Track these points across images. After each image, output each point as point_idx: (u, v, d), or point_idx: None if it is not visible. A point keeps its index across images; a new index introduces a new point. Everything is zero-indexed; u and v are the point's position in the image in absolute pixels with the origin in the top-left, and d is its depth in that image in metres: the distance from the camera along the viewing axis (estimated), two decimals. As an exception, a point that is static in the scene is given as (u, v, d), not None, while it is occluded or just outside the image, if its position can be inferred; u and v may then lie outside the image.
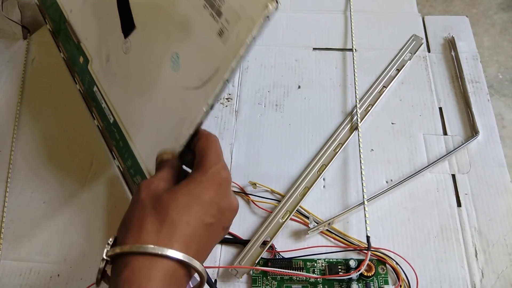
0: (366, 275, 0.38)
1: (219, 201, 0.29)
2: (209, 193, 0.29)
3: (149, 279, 0.25)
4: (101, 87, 0.44)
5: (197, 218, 0.28)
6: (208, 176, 0.29)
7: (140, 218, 0.27)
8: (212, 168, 0.30)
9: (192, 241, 0.27)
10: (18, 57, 0.57)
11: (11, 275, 0.41)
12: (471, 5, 0.60)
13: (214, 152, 0.31)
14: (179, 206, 0.27)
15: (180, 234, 0.27)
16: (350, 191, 0.44)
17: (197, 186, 0.29)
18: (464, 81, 0.51)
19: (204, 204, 0.28)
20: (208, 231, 0.28)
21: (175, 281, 0.26)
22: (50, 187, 0.46)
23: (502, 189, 0.43)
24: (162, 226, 0.27)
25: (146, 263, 0.25)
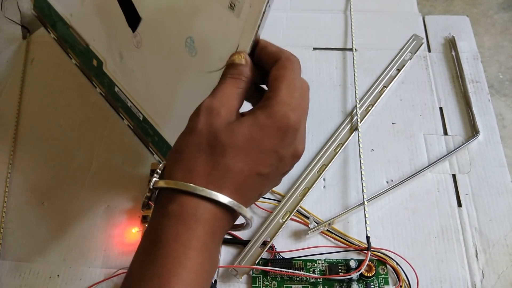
0: (367, 275, 0.38)
1: (281, 149, 0.26)
2: (271, 140, 0.26)
3: (197, 219, 0.24)
4: (122, 87, 0.44)
5: (253, 166, 0.26)
6: (274, 121, 0.26)
7: (193, 153, 0.25)
8: (280, 111, 0.26)
9: (243, 188, 0.26)
10: (18, 57, 0.57)
11: (10, 275, 0.41)
12: (472, 5, 0.59)
13: (287, 85, 0.26)
14: (235, 151, 0.25)
15: (231, 181, 0.25)
16: (350, 191, 0.44)
17: (259, 131, 0.26)
18: (464, 81, 0.51)
19: (263, 153, 0.26)
20: (261, 180, 0.26)
21: (221, 223, 0.25)
22: (50, 187, 0.46)
23: (503, 189, 0.43)
24: (214, 170, 0.25)
25: (194, 203, 0.24)
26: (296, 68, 0.27)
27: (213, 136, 0.25)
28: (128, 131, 0.49)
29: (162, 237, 0.24)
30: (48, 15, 0.53)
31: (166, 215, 0.24)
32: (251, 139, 0.25)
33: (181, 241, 0.23)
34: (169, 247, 0.23)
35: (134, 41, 0.38)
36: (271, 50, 0.28)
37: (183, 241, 0.23)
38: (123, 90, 0.44)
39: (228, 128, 0.26)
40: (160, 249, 0.23)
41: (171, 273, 0.23)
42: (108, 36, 0.43)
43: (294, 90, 0.26)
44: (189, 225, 0.24)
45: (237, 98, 0.27)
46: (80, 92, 0.53)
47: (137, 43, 0.38)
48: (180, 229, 0.24)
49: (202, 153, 0.25)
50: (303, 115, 0.27)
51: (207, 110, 0.26)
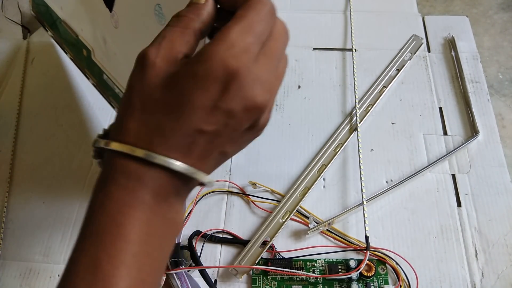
0: (366, 275, 0.38)
1: (222, 103, 0.22)
2: (206, 94, 0.21)
3: (127, 176, 0.22)
4: (109, 73, 0.43)
5: (189, 123, 0.22)
6: (207, 67, 0.21)
7: (124, 111, 0.23)
8: (217, 55, 0.21)
9: (184, 148, 0.22)
10: (18, 57, 0.57)
11: (10, 275, 0.41)
12: (471, 5, 0.60)
13: (242, 25, 0.22)
14: (166, 107, 0.22)
15: (165, 139, 0.22)
16: (350, 191, 0.44)
17: (191, 81, 0.22)
18: (464, 81, 0.51)
19: (198, 109, 0.22)
20: (209, 138, 0.23)
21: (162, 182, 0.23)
22: (50, 187, 0.46)
23: (502, 189, 0.43)
24: (143, 127, 0.22)
25: (122, 162, 0.22)
26: (265, 8, 0.23)
27: (144, 92, 0.23)
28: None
29: (97, 198, 0.23)
30: (44, 13, 0.53)
31: (100, 175, 0.23)
32: (182, 93, 0.22)
33: (113, 198, 0.22)
34: (101, 205, 0.22)
35: (113, 21, 0.38)
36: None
37: (115, 198, 0.22)
38: (110, 76, 0.44)
39: (162, 82, 0.22)
40: (95, 209, 0.23)
41: (106, 232, 0.22)
42: (92, 23, 0.43)
43: (248, 31, 0.22)
44: (119, 182, 0.22)
45: (182, 42, 0.23)
46: (80, 92, 0.53)
47: (115, 23, 0.38)
48: (111, 186, 0.22)
49: (133, 110, 0.23)
50: (250, 60, 0.22)
51: (141, 62, 0.23)
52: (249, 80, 0.22)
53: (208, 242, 0.42)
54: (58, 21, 0.50)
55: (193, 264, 0.39)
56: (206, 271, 0.38)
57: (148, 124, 0.22)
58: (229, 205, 0.44)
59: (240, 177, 0.45)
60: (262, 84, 0.23)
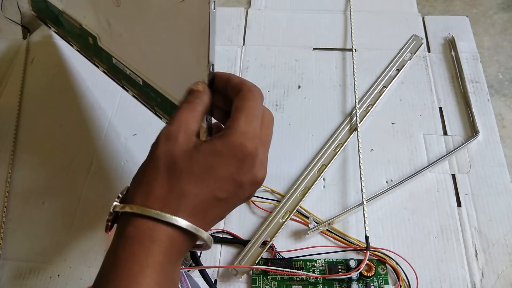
0: (366, 275, 0.38)
1: (238, 176, 0.27)
2: (227, 168, 0.27)
3: (152, 240, 0.25)
4: (118, 56, 0.43)
5: (209, 192, 0.27)
6: (229, 148, 0.27)
7: (151, 178, 0.27)
8: (237, 140, 0.27)
9: (200, 212, 0.27)
10: (18, 57, 0.57)
11: (11, 275, 0.41)
12: (471, 5, 0.60)
13: (246, 115, 0.28)
14: (191, 176, 0.26)
15: (187, 205, 0.26)
16: (350, 191, 0.44)
17: (215, 158, 0.27)
18: (464, 81, 0.51)
19: (218, 179, 0.27)
20: (220, 204, 0.28)
21: (177, 244, 0.26)
22: (50, 187, 0.46)
23: (502, 189, 0.43)
24: (170, 193, 0.26)
25: (150, 225, 0.25)
26: (257, 98, 0.29)
27: (171, 161, 0.27)
28: (129, 130, 0.49)
29: (119, 257, 0.25)
30: (44, 10, 0.53)
31: (123, 237, 0.26)
32: (207, 166, 0.27)
33: (136, 260, 0.25)
34: (126, 266, 0.25)
35: (114, 0, 0.38)
36: (234, 82, 0.30)
37: (138, 260, 0.25)
38: (119, 59, 0.43)
39: (185, 154, 0.27)
40: (117, 268, 0.25)
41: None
42: (94, 7, 0.43)
43: (252, 119, 0.28)
44: (144, 245, 0.25)
45: (194, 121, 0.29)
46: (80, 92, 0.53)
47: (117, 2, 0.38)
48: (136, 249, 0.25)
49: (160, 178, 0.27)
50: (261, 144, 0.28)
51: (165, 137, 0.28)
52: (258, 160, 0.28)
53: (208, 242, 0.42)
54: (60, 14, 0.50)
55: (193, 264, 0.39)
56: (206, 271, 0.38)
57: (174, 190, 0.26)
58: (229, 205, 0.44)
59: (240, 177, 0.45)
60: (263, 164, 0.29)
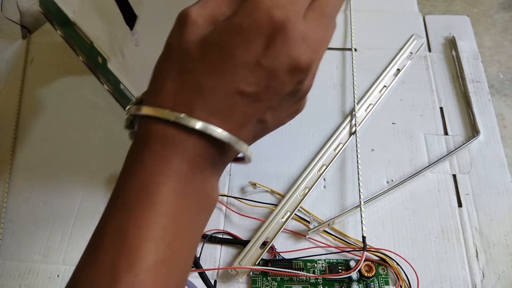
0: (367, 275, 0.38)
1: (265, 60, 0.20)
2: (249, 49, 0.20)
3: (164, 144, 0.21)
4: (127, 84, 0.43)
5: (228, 83, 0.20)
6: (252, 20, 0.20)
7: (161, 73, 0.22)
8: (262, 5, 0.19)
9: (222, 111, 0.21)
10: (18, 57, 0.57)
11: (10, 275, 0.41)
12: (472, 5, 0.59)
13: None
14: (205, 64, 0.20)
15: (203, 102, 0.20)
16: (351, 191, 0.44)
17: (232, 37, 0.20)
18: (465, 80, 0.50)
19: (239, 66, 0.20)
20: (249, 101, 0.21)
21: (200, 151, 0.21)
22: (49, 187, 0.46)
23: (503, 189, 0.43)
24: (182, 89, 0.21)
25: (160, 128, 0.21)
26: None
27: (183, 49, 0.21)
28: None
29: (128, 166, 0.22)
30: (54, 12, 0.53)
31: (133, 143, 0.22)
32: (223, 49, 0.20)
33: (147, 166, 0.21)
34: (134, 173, 0.21)
35: (133, 39, 0.38)
36: None
37: (149, 166, 0.20)
38: (128, 87, 0.44)
39: (200, 39, 0.21)
40: (125, 178, 0.22)
41: (136, 201, 0.20)
42: (109, 34, 0.43)
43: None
44: (154, 149, 0.21)
45: (228, 3, 0.21)
46: (80, 92, 0.53)
47: (136, 41, 0.38)
48: (145, 154, 0.21)
49: (170, 71, 0.21)
50: (295, 12, 0.20)
51: (181, 20, 0.22)
52: (295, 35, 0.20)
53: (208, 243, 0.41)
54: (71, 24, 0.50)
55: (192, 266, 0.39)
56: (206, 273, 0.38)
57: (186, 84, 0.21)
58: (229, 205, 0.44)
59: (240, 177, 0.45)
60: (309, 43, 0.20)
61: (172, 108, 0.21)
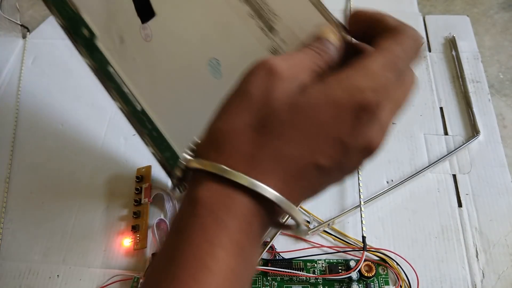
0: (367, 275, 0.38)
1: (348, 138, 0.19)
2: (338, 123, 0.19)
3: (230, 211, 0.19)
4: (119, 70, 0.40)
5: (311, 154, 0.19)
6: (346, 94, 0.19)
7: (237, 126, 0.20)
8: (359, 82, 0.19)
9: (293, 182, 0.20)
10: (18, 56, 0.57)
11: (10, 275, 0.41)
12: (472, 5, 0.59)
13: (384, 55, 0.20)
14: (292, 131, 0.19)
15: (280, 170, 0.19)
16: (351, 191, 0.44)
17: (325, 108, 0.19)
18: (465, 80, 0.50)
19: (325, 139, 0.19)
20: (318, 174, 0.20)
21: (260, 220, 0.20)
22: (49, 187, 0.46)
23: (503, 189, 0.43)
24: (261, 152, 0.19)
25: (229, 192, 0.19)
26: (409, 44, 0.20)
27: (268, 106, 0.19)
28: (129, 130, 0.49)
29: (186, 230, 0.19)
30: None
31: (193, 203, 0.20)
32: (313, 118, 0.19)
33: (208, 237, 0.19)
34: (193, 243, 0.19)
35: (143, 33, 0.35)
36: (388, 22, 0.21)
37: (209, 236, 0.19)
38: (120, 74, 0.40)
39: (289, 100, 0.19)
40: (183, 244, 0.19)
41: (192, 278, 0.18)
42: (108, 13, 0.39)
43: (390, 66, 0.19)
44: (220, 217, 0.19)
45: (309, 73, 0.20)
46: (80, 92, 0.53)
47: (146, 36, 0.35)
48: (207, 221, 0.19)
49: (249, 128, 0.19)
50: (388, 101, 0.20)
51: (268, 70, 0.20)
52: (380, 121, 0.20)
53: (208, 243, 0.41)
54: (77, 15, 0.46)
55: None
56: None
57: (265, 148, 0.19)
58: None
59: (240, 177, 0.45)
60: (383, 130, 0.20)
61: (246, 172, 0.19)
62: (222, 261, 0.18)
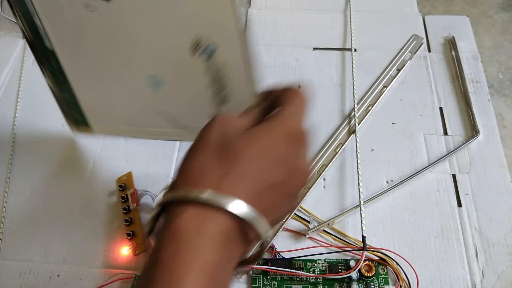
0: (367, 275, 0.38)
1: (289, 160, 0.24)
2: (282, 147, 0.24)
3: (201, 231, 0.20)
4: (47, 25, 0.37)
5: (265, 174, 0.23)
6: (284, 127, 0.25)
7: (203, 161, 0.23)
8: (290, 120, 0.25)
9: (259, 198, 0.23)
10: (18, 57, 0.57)
11: (10, 275, 0.41)
12: (472, 5, 0.59)
13: (295, 104, 0.27)
14: (251, 156, 0.23)
15: (246, 189, 0.22)
16: (350, 191, 0.44)
17: (271, 136, 0.24)
18: (464, 81, 0.51)
19: (273, 160, 0.24)
20: (275, 192, 0.24)
21: (232, 239, 0.21)
22: (50, 187, 0.46)
23: (503, 189, 0.43)
24: (228, 175, 0.22)
25: (201, 214, 0.21)
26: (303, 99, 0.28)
27: (227, 141, 0.24)
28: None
29: (161, 255, 0.21)
30: None
31: (166, 230, 0.21)
32: (267, 145, 0.24)
33: (181, 261, 0.20)
34: (168, 267, 0.20)
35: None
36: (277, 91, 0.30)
37: (182, 260, 0.20)
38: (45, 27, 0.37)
39: (243, 134, 0.24)
40: (158, 269, 0.20)
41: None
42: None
43: (300, 112, 0.27)
44: (190, 239, 0.20)
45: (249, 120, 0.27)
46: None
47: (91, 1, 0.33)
48: (180, 245, 0.20)
49: (214, 159, 0.23)
50: (307, 136, 0.27)
51: (220, 120, 0.25)
52: (306, 147, 0.26)
53: (208, 242, 0.41)
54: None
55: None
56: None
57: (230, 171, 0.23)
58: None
59: (240, 177, 0.45)
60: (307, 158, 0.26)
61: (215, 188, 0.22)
62: (194, 283, 0.20)
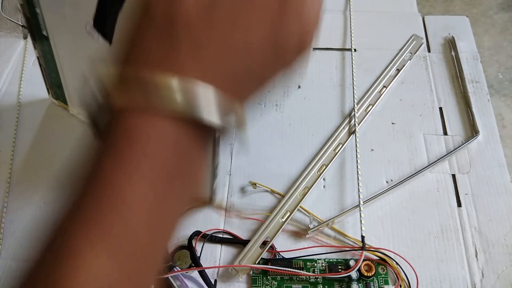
0: (366, 275, 0.38)
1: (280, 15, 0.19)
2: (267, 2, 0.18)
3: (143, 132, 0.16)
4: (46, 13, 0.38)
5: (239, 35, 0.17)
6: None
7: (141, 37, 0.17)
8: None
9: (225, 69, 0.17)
10: (19, 57, 0.57)
11: (10, 275, 0.41)
12: (471, 5, 0.60)
13: None
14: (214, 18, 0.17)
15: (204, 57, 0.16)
16: (350, 191, 0.44)
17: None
18: (464, 81, 0.51)
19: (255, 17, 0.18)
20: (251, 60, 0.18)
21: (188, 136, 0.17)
22: (50, 187, 0.46)
23: (502, 189, 0.43)
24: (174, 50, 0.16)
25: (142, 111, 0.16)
26: None
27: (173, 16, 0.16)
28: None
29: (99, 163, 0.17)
30: None
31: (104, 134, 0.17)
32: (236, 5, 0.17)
33: (123, 168, 0.16)
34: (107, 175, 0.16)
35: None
36: None
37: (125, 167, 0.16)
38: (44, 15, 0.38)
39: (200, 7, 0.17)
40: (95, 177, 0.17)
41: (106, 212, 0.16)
42: None
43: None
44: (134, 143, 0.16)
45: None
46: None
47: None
48: (121, 149, 0.16)
49: (156, 33, 0.16)
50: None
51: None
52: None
53: (208, 242, 0.42)
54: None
55: (193, 265, 0.39)
56: (206, 271, 0.38)
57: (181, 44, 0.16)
58: (229, 205, 0.44)
59: (240, 178, 0.45)
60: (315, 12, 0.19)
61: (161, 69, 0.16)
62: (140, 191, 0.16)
